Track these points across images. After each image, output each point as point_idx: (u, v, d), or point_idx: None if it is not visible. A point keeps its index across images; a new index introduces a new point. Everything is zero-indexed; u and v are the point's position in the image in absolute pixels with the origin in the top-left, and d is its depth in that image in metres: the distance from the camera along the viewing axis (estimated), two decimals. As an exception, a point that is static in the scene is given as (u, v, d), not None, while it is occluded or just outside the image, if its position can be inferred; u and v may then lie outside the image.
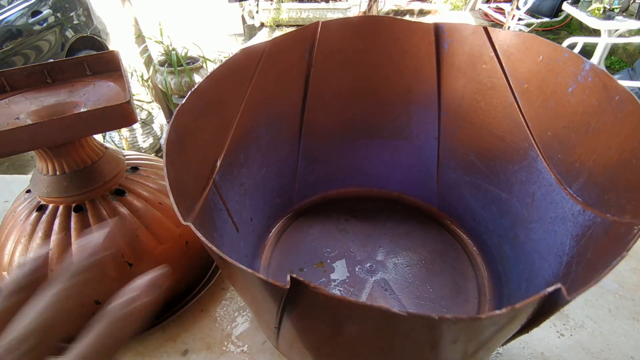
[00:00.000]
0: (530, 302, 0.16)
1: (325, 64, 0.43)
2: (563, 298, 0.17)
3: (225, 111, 0.37)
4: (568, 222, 0.32)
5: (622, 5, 2.19)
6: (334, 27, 0.41)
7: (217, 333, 0.40)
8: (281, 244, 0.48)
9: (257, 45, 0.37)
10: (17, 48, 1.81)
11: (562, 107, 0.33)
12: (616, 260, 0.19)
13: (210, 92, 0.34)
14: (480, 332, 0.20)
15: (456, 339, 0.19)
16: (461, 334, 0.19)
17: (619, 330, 0.39)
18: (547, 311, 0.19)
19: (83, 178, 0.35)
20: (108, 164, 0.37)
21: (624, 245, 0.20)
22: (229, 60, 0.35)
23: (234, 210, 0.39)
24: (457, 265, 0.45)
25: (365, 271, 0.45)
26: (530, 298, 0.16)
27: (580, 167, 0.32)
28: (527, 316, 0.19)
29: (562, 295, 0.16)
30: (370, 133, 0.49)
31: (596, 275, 0.18)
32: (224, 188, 0.37)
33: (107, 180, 0.36)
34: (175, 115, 0.29)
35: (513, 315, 0.17)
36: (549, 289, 0.16)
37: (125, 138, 1.80)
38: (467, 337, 0.20)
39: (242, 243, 0.41)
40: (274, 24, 3.64)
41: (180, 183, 0.27)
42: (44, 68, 0.37)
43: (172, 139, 0.27)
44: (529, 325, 0.21)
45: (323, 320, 0.21)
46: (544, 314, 0.19)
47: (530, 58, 0.35)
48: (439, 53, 0.41)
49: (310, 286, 0.16)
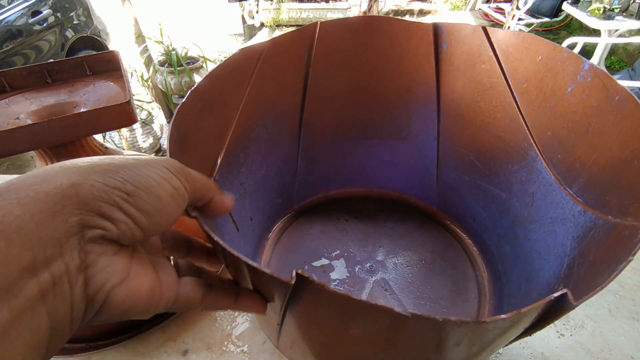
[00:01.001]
0: (535, 307, 0.16)
1: (324, 64, 0.43)
2: (569, 303, 0.16)
3: (224, 110, 0.37)
4: (569, 222, 0.32)
5: (622, 5, 2.19)
6: (333, 28, 0.41)
7: (217, 333, 0.40)
8: (281, 244, 0.48)
9: (256, 45, 0.37)
10: (17, 48, 1.81)
11: (562, 107, 0.33)
12: (622, 265, 0.18)
13: (209, 92, 0.34)
14: (484, 335, 0.20)
15: (460, 342, 0.19)
16: (465, 336, 0.19)
17: (619, 330, 0.39)
18: (552, 315, 0.19)
19: (83, 178, 0.35)
20: (108, 164, 0.36)
21: (630, 250, 0.20)
22: (229, 59, 0.35)
23: (234, 209, 0.39)
24: (457, 265, 0.45)
25: (365, 271, 0.45)
26: (535, 303, 0.16)
27: (580, 168, 0.32)
28: (531, 320, 0.19)
29: (568, 300, 0.16)
30: (370, 133, 0.49)
31: (601, 280, 0.18)
32: (223, 187, 0.37)
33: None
34: (177, 113, 0.29)
35: (518, 319, 0.17)
36: (555, 294, 0.16)
37: (125, 138, 1.80)
38: (470, 340, 0.20)
39: (242, 242, 0.41)
40: (274, 24, 3.64)
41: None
42: (44, 68, 0.37)
43: (174, 137, 0.27)
44: (533, 328, 0.21)
45: (326, 317, 0.21)
46: (549, 318, 0.19)
47: (529, 58, 0.35)
48: (438, 53, 0.41)
49: (315, 282, 0.16)
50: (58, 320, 0.14)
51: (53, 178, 0.15)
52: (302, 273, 0.16)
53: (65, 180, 0.15)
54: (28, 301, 0.13)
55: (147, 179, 0.17)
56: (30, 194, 0.14)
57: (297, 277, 0.17)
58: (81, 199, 0.15)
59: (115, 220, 0.16)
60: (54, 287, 0.14)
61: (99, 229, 0.15)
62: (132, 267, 0.17)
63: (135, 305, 0.17)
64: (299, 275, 0.17)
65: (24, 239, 0.13)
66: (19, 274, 0.13)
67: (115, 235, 0.16)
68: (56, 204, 0.14)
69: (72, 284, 0.15)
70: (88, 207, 0.15)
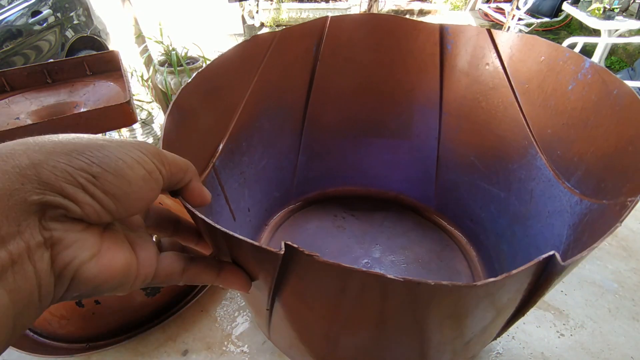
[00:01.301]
0: (525, 269, 0.16)
1: (331, 58, 0.43)
2: (558, 264, 0.16)
3: (230, 96, 0.37)
4: (565, 213, 0.32)
5: (622, 5, 2.19)
6: (343, 23, 0.41)
7: (217, 333, 0.40)
8: (277, 238, 0.48)
9: (267, 34, 0.38)
10: (17, 48, 1.81)
11: (562, 105, 0.34)
12: (610, 230, 0.18)
13: (217, 77, 0.34)
14: (475, 305, 0.19)
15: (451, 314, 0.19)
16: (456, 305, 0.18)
17: (619, 330, 0.39)
18: (544, 282, 0.18)
19: (83, 178, 0.35)
20: (108, 164, 0.36)
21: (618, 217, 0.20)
22: (239, 45, 0.35)
23: (232, 198, 0.39)
24: (453, 265, 0.45)
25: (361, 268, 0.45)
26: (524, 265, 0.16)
27: (578, 161, 0.32)
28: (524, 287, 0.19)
29: (556, 261, 0.16)
30: (372, 131, 0.49)
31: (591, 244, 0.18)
32: (223, 174, 0.37)
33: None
34: (180, 92, 0.28)
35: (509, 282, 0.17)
36: (544, 255, 0.16)
37: (125, 138, 1.79)
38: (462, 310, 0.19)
39: (238, 232, 0.41)
40: (274, 24, 3.63)
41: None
42: (44, 68, 0.37)
43: (173, 115, 0.27)
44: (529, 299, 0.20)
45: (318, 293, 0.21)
46: (542, 285, 0.19)
47: (532, 59, 0.35)
48: (443, 53, 0.41)
49: (306, 253, 0.16)
50: (22, 297, 0.14)
51: (11, 155, 0.14)
52: (291, 244, 0.16)
53: (24, 159, 0.14)
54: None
55: (117, 161, 0.16)
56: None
57: (286, 248, 0.16)
58: (42, 179, 0.14)
59: (79, 202, 0.15)
60: (12, 265, 0.14)
61: (61, 209, 0.15)
62: (103, 243, 0.17)
63: (107, 280, 0.17)
64: (288, 246, 0.16)
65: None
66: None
67: (79, 215, 0.16)
68: (13, 183, 0.14)
69: (35, 261, 0.14)
70: (49, 187, 0.15)
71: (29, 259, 0.14)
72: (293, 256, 0.17)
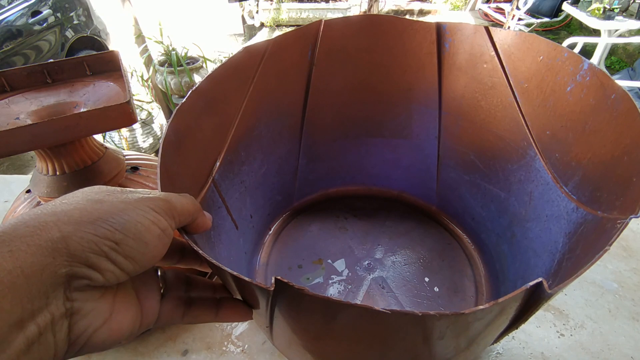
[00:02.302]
0: (512, 297, 0.17)
1: (327, 62, 0.43)
2: (544, 292, 0.17)
3: (226, 110, 0.37)
4: (562, 220, 0.32)
5: (622, 5, 2.19)
6: (336, 26, 0.41)
7: (217, 333, 0.40)
8: (280, 241, 0.49)
9: (259, 44, 0.37)
10: (17, 48, 1.81)
11: (561, 106, 0.34)
12: (599, 255, 0.19)
13: (211, 91, 0.34)
14: (467, 327, 0.20)
15: (443, 335, 0.19)
16: (447, 329, 0.19)
17: (619, 330, 0.39)
18: (532, 305, 0.19)
19: (83, 178, 0.35)
20: (108, 164, 0.37)
21: (608, 239, 0.20)
22: (231, 59, 0.35)
23: (233, 207, 0.39)
24: (455, 264, 0.45)
25: (364, 269, 0.45)
26: (511, 293, 0.17)
27: (576, 166, 0.32)
28: (513, 311, 0.19)
29: (543, 289, 0.17)
30: (371, 132, 0.49)
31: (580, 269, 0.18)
32: (223, 186, 0.37)
33: (107, 180, 0.36)
34: (175, 114, 0.29)
35: (498, 310, 0.18)
36: (530, 283, 0.17)
37: (125, 138, 1.80)
38: (453, 332, 0.20)
39: (242, 240, 0.41)
40: (274, 24, 3.64)
41: (176, 183, 0.27)
42: (44, 68, 0.37)
43: (169, 139, 0.27)
44: (517, 320, 0.21)
45: (311, 319, 0.21)
46: (530, 308, 0.19)
47: (531, 57, 0.35)
48: (441, 52, 0.41)
49: (295, 287, 0.16)
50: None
51: (44, 229, 0.15)
52: (281, 279, 0.16)
53: (56, 233, 0.15)
54: (15, 355, 0.13)
55: (136, 225, 0.17)
56: (21, 247, 0.14)
57: (276, 283, 0.17)
58: (70, 251, 0.15)
59: (102, 270, 0.16)
60: (39, 338, 0.14)
61: (85, 279, 0.16)
62: (114, 306, 0.18)
63: (115, 342, 0.18)
64: (278, 281, 0.16)
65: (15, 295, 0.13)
66: (9, 330, 0.13)
67: (101, 283, 0.16)
68: (46, 257, 0.15)
69: (55, 332, 0.15)
70: (77, 259, 0.15)
71: (51, 330, 0.15)
72: (283, 290, 0.17)
